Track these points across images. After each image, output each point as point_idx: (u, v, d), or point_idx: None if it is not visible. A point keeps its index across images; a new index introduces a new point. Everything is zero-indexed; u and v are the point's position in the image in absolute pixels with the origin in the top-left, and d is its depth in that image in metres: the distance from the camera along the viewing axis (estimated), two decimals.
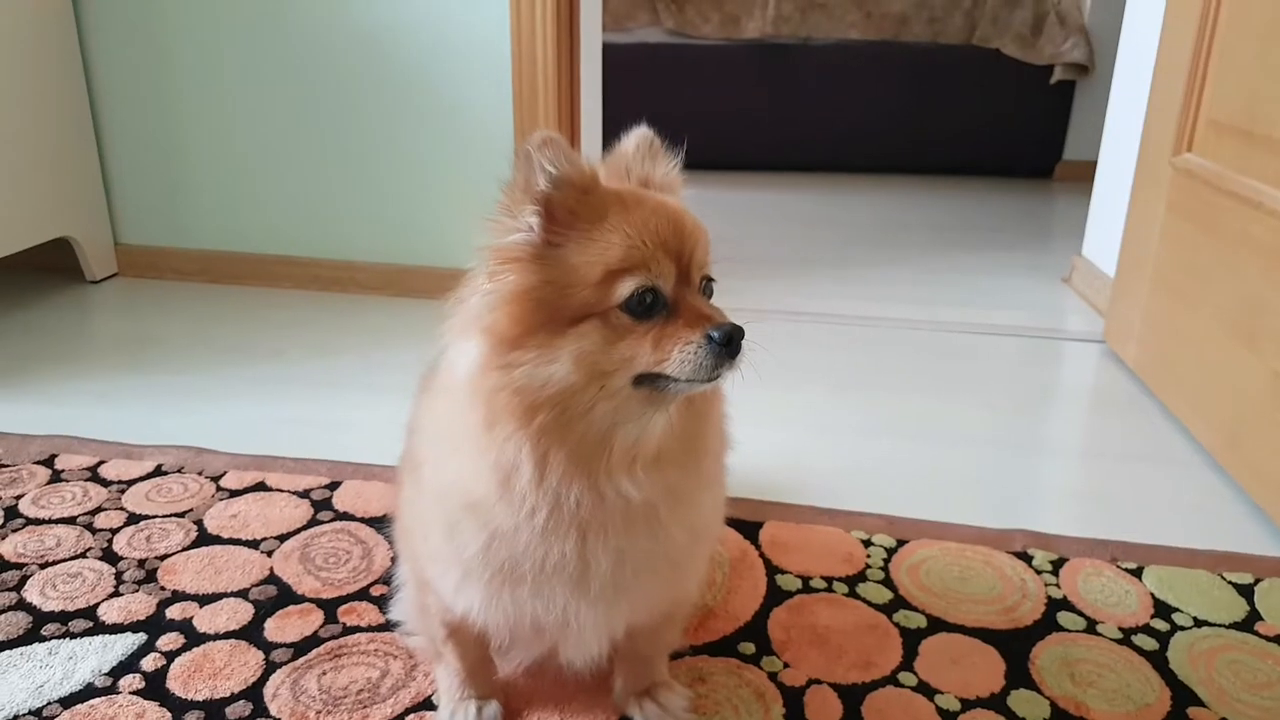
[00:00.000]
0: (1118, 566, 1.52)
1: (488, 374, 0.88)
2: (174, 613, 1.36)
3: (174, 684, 1.22)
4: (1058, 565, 1.52)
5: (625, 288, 0.87)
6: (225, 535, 1.55)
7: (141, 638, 1.31)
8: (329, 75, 2.66)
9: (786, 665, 1.28)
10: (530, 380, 0.87)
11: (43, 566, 1.46)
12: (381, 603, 1.38)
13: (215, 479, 1.72)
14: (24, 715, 1.17)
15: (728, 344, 0.87)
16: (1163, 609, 1.42)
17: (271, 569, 1.47)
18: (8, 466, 1.75)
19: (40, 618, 1.35)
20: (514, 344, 0.87)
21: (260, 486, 1.70)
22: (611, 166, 1.01)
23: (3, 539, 1.53)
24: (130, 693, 1.21)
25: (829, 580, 1.47)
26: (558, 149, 0.86)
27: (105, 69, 2.75)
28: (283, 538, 1.55)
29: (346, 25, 2.60)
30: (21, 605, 1.37)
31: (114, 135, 2.82)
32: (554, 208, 0.88)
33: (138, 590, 1.41)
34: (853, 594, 1.43)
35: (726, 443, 1.07)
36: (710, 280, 0.95)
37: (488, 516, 0.94)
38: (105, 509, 1.62)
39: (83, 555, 1.49)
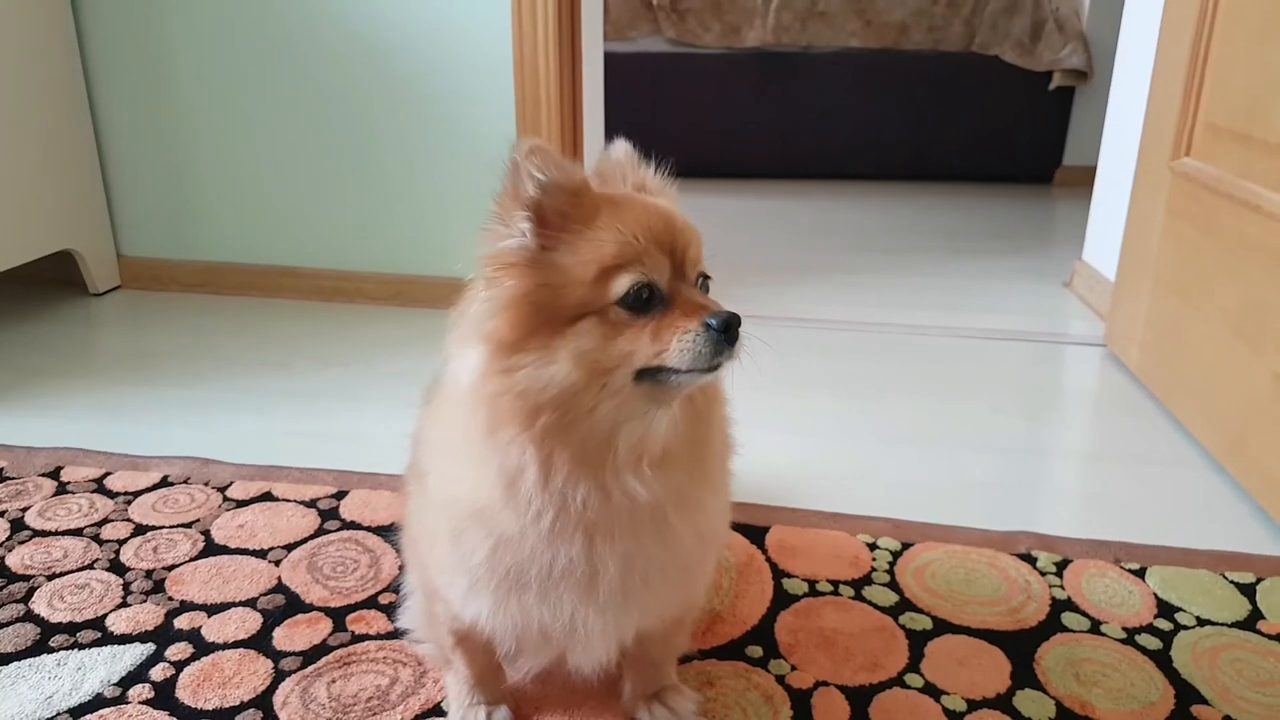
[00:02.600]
0: (1121, 567, 1.53)
1: (489, 380, 0.89)
2: (182, 623, 1.37)
3: (183, 693, 1.23)
4: (1062, 566, 1.52)
5: (622, 284, 0.88)
6: (232, 545, 1.56)
7: (150, 648, 1.31)
8: (332, 87, 2.67)
9: (794, 668, 1.28)
10: (532, 382, 0.87)
11: (50, 578, 1.47)
12: (390, 610, 1.38)
13: (222, 489, 1.73)
14: None
15: (726, 330, 0.87)
16: (1166, 609, 1.43)
17: (279, 578, 1.47)
18: (14, 479, 1.76)
19: (48, 629, 1.35)
20: (514, 348, 0.88)
21: (267, 496, 1.71)
22: (603, 175, 1.02)
23: (10, 551, 1.54)
24: (140, 703, 1.21)
25: (835, 584, 1.47)
26: (545, 156, 0.88)
27: (107, 81, 2.77)
28: (290, 547, 1.55)
29: (350, 37, 2.62)
30: (29, 617, 1.38)
31: (116, 147, 2.84)
32: (545, 212, 0.89)
33: (145, 600, 1.42)
34: (859, 597, 1.44)
35: (730, 445, 1.07)
36: (706, 278, 0.95)
37: (493, 523, 0.94)
38: (112, 520, 1.63)
39: (90, 566, 1.50)
